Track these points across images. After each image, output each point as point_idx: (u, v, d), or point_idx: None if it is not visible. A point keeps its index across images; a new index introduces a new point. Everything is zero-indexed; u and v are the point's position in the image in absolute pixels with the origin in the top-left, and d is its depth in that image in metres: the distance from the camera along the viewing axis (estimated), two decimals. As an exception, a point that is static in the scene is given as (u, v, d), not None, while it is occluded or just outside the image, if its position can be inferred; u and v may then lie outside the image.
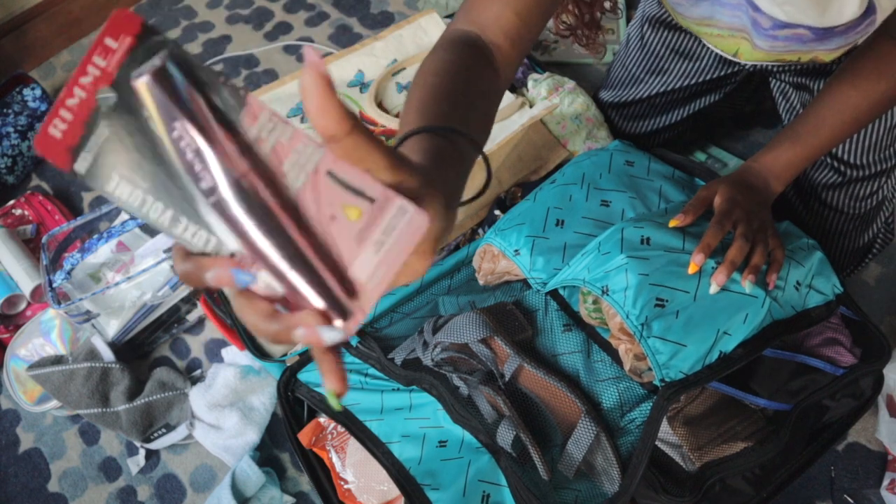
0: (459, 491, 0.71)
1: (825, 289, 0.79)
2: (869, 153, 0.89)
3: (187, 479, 1.04)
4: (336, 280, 0.29)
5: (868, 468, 0.93)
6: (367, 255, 0.29)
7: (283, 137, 0.29)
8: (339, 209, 0.29)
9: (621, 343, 0.73)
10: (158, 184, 0.29)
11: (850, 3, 0.66)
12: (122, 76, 0.28)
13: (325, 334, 0.29)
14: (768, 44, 0.76)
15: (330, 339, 0.29)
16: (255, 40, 1.59)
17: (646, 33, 1.05)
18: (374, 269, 0.29)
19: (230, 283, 0.29)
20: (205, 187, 0.29)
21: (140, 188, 0.29)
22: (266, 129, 0.29)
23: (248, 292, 0.30)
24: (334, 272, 0.29)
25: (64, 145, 0.28)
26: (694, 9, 0.81)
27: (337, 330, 0.29)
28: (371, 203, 0.29)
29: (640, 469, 0.67)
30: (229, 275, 0.29)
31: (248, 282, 0.29)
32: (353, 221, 0.29)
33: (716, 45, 0.87)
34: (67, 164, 0.29)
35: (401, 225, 0.29)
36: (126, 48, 0.28)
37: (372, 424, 0.80)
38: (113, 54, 0.28)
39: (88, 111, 0.28)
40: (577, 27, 0.93)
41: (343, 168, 0.29)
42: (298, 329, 0.29)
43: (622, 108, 1.14)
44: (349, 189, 0.29)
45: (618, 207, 0.86)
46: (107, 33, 0.28)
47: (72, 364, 1.05)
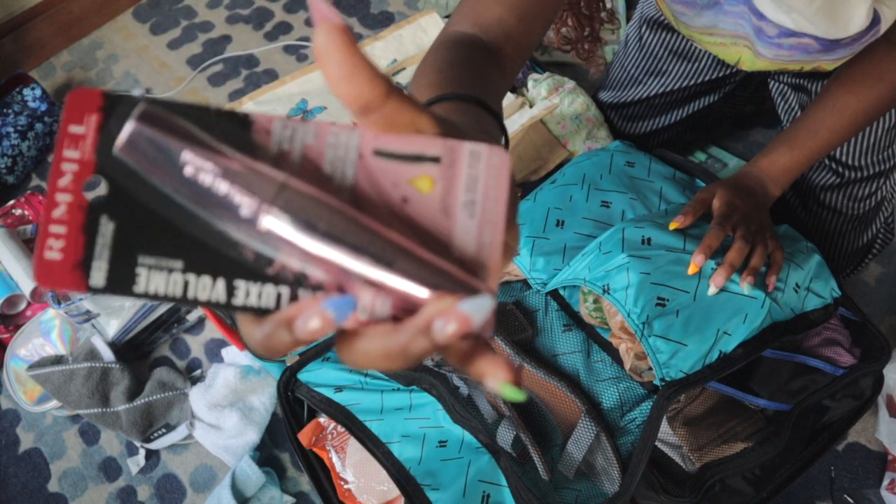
0: (459, 491, 0.71)
1: (824, 292, 0.80)
2: (867, 155, 0.89)
3: (187, 479, 1.04)
4: (447, 264, 0.24)
5: (868, 468, 0.93)
6: (464, 224, 0.25)
7: (307, 138, 0.25)
8: (407, 187, 0.25)
9: (622, 342, 0.73)
10: (194, 250, 0.24)
11: (857, 16, 0.65)
12: (103, 157, 0.24)
13: (470, 308, 0.22)
14: (772, 52, 0.76)
15: (478, 310, 0.22)
16: (255, 40, 1.59)
17: (644, 34, 1.05)
18: (479, 235, 0.24)
19: (329, 321, 0.23)
20: (247, 214, 0.23)
21: (176, 269, 0.24)
22: (285, 138, 0.25)
23: (353, 326, 0.24)
24: (440, 257, 0.24)
25: (69, 265, 0.24)
26: (698, 18, 0.80)
27: (480, 295, 0.23)
28: (438, 164, 0.25)
29: (640, 468, 0.68)
30: (323, 311, 0.23)
31: (349, 309, 0.23)
32: (429, 193, 0.25)
33: (718, 54, 0.87)
34: (82, 284, 0.24)
35: (482, 172, 0.25)
36: (95, 127, 0.24)
37: (372, 424, 0.80)
38: (83, 140, 0.24)
39: (82, 213, 0.24)
40: (578, 41, 0.93)
41: (389, 140, 0.25)
42: (436, 322, 0.22)
43: (621, 108, 1.14)
44: (407, 159, 0.25)
45: (618, 208, 0.86)
46: (68, 121, 0.24)
47: (72, 364, 1.05)
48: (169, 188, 0.24)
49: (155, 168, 0.24)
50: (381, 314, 0.23)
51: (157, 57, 1.60)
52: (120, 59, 1.60)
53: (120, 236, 0.24)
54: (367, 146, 0.25)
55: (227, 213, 0.24)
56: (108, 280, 0.24)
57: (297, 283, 0.24)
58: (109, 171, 0.24)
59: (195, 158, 0.23)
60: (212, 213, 0.24)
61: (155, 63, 1.59)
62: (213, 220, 0.24)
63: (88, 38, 1.67)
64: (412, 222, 0.24)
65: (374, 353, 0.23)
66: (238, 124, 0.24)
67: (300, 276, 0.24)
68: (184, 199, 0.24)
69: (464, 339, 0.23)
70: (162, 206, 0.24)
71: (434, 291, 0.23)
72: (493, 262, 0.24)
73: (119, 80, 1.56)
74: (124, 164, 0.24)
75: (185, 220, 0.24)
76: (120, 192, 0.24)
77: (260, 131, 0.25)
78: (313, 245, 0.23)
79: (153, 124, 0.24)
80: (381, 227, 0.24)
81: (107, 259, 0.24)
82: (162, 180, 0.24)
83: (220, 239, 0.24)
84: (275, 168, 0.24)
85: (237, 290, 0.24)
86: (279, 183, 0.23)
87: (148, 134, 0.24)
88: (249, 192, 0.23)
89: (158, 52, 1.60)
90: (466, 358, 0.24)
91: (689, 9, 0.79)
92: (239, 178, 0.23)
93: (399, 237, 0.24)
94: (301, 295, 0.24)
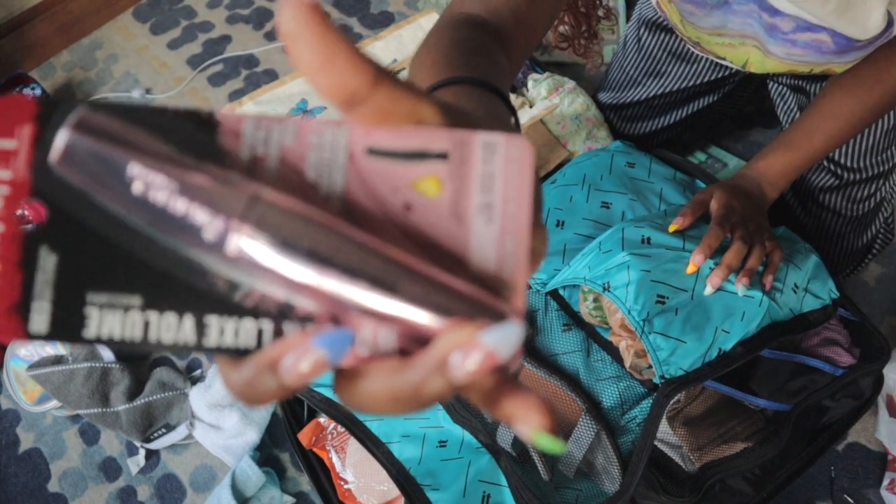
0: (459, 491, 0.71)
1: (822, 293, 0.80)
2: (866, 156, 0.89)
3: (187, 479, 1.04)
4: (463, 284, 0.20)
5: (868, 468, 0.93)
6: (480, 232, 0.20)
7: (286, 140, 0.21)
8: (410, 191, 0.20)
9: (622, 340, 0.73)
10: (154, 283, 0.20)
11: (873, 18, 0.65)
12: (40, 176, 0.20)
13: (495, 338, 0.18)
14: (785, 50, 0.75)
15: (505, 340, 0.18)
16: (255, 40, 1.59)
17: (642, 36, 1.05)
18: (500, 245, 0.20)
19: (322, 361, 0.19)
20: (211, 236, 0.19)
21: (133, 307, 0.20)
22: (258, 140, 0.20)
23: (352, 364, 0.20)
24: (453, 276, 0.20)
25: (2, 309, 0.20)
26: (707, 19, 0.80)
27: (506, 322, 0.19)
28: (445, 161, 0.21)
29: (640, 466, 0.68)
30: (315, 349, 0.19)
31: (346, 345, 0.19)
32: (436, 197, 0.20)
33: (725, 56, 0.87)
34: (20, 331, 0.20)
35: (499, 168, 0.21)
36: (29, 139, 0.20)
37: (372, 424, 0.80)
38: (15, 157, 0.20)
39: (17, 244, 0.20)
40: (574, 37, 0.93)
41: (385, 136, 0.21)
42: (454, 356, 0.18)
43: (620, 109, 1.14)
44: (407, 157, 0.21)
45: (618, 209, 0.86)
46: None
47: (72, 364, 1.05)
48: (118, 209, 0.20)
49: (100, 186, 0.20)
50: (386, 348, 0.19)
51: (157, 57, 1.60)
52: (120, 59, 1.60)
53: (64, 271, 0.20)
54: (359, 144, 0.21)
55: (188, 237, 0.19)
56: (52, 324, 0.20)
57: (282, 315, 0.20)
58: (48, 192, 0.20)
59: (144, 171, 0.19)
60: (171, 236, 0.20)
61: (155, 63, 1.59)
62: (174, 246, 0.20)
63: (88, 38, 1.67)
64: (418, 234, 0.20)
65: (379, 396, 0.19)
66: (201, 127, 0.20)
67: (284, 306, 0.20)
68: (137, 222, 0.20)
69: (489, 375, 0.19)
70: (112, 232, 0.20)
71: (449, 318, 0.19)
72: (519, 277, 0.20)
73: (119, 80, 1.56)
74: (65, 182, 0.20)
75: (141, 248, 0.20)
76: (62, 217, 0.20)
77: (228, 134, 0.20)
78: (297, 269, 0.19)
79: (92, 132, 0.20)
80: (379, 242, 0.20)
81: (49, 299, 0.20)
82: (109, 200, 0.20)
83: (184, 267, 0.20)
84: (246, 178, 0.20)
85: (208, 328, 0.20)
86: (249, 195, 0.19)
87: (87, 144, 0.20)
88: (212, 208, 0.19)
89: (158, 52, 1.60)
90: (491, 397, 0.20)
91: (698, 9, 0.79)
92: (198, 192, 0.19)
93: (402, 253, 0.20)
94: (286, 329, 0.20)
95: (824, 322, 0.79)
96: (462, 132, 0.21)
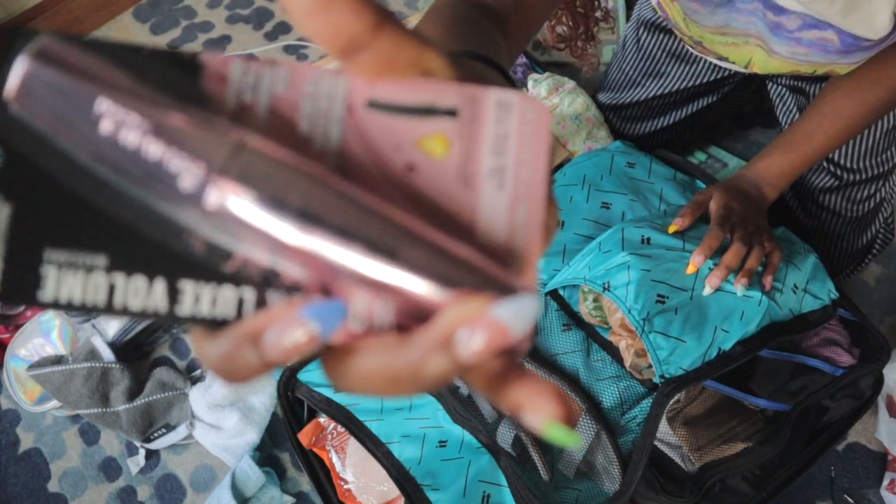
0: (459, 491, 0.71)
1: (821, 293, 0.80)
2: (866, 157, 0.89)
3: (187, 479, 1.04)
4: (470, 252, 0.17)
5: (868, 468, 0.93)
6: (491, 198, 0.18)
7: (277, 87, 0.19)
8: (414, 149, 0.18)
9: (622, 339, 0.73)
10: (122, 240, 0.17)
11: (880, 20, 0.64)
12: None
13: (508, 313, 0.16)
14: (789, 49, 0.75)
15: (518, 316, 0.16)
16: (255, 40, 1.59)
17: (641, 36, 1.05)
18: (511, 213, 0.18)
19: (311, 335, 0.17)
20: (188, 186, 0.17)
21: (97, 268, 0.17)
22: (246, 86, 0.18)
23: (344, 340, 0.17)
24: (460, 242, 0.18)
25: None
26: (711, 17, 0.80)
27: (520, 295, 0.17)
28: (454, 118, 0.19)
29: (640, 466, 0.68)
30: (303, 322, 0.17)
31: (339, 318, 0.17)
32: (443, 158, 0.19)
33: (728, 56, 0.86)
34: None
35: (514, 129, 0.19)
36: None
37: (372, 424, 0.80)
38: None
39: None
40: (572, 38, 0.93)
41: (389, 88, 0.19)
42: (461, 333, 0.16)
43: (620, 110, 1.14)
44: (412, 112, 0.19)
45: (618, 210, 0.86)
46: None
47: (72, 364, 1.05)
48: (83, 153, 0.17)
49: (62, 125, 0.17)
50: (382, 323, 0.17)
51: (157, 57, 1.60)
52: (120, 60, 1.60)
53: (18, 223, 0.17)
54: (359, 96, 0.19)
55: (162, 187, 0.17)
56: (4, 283, 0.17)
57: (266, 283, 0.18)
58: (2, 132, 0.17)
59: (114, 108, 0.17)
60: (142, 186, 0.17)
61: (155, 63, 1.59)
62: (146, 198, 0.17)
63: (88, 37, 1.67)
64: (421, 197, 0.18)
65: (373, 376, 0.17)
66: (182, 69, 0.18)
67: (269, 273, 0.18)
68: (103, 169, 0.17)
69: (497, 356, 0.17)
70: (75, 181, 0.17)
71: (454, 290, 0.17)
72: (532, 250, 0.18)
73: (119, 80, 1.56)
74: (22, 121, 0.17)
75: (107, 199, 0.17)
76: (16, 161, 0.17)
77: (212, 78, 0.18)
78: (285, 229, 0.17)
79: (56, 63, 0.17)
80: (378, 202, 0.17)
81: (0, 255, 0.17)
82: (73, 142, 0.17)
83: (158, 224, 0.17)
84: (231, 125, 0.18)
85: (182, 295, 0.18)
86: (233, 142, 0.17)
87: (49, 76, 0.17)
88: (191, 154, 0.17)
89: (158, 53, 1.60)
90: (497, 382, 0.18)
91: (703, 7, 0.78)
92: (176, 135, 0.17)
93: (404, 216, 0.17)
94: (271, 299, 0.18)
95: (824, 322, 0.79)
96: (473, 87, 0.19)
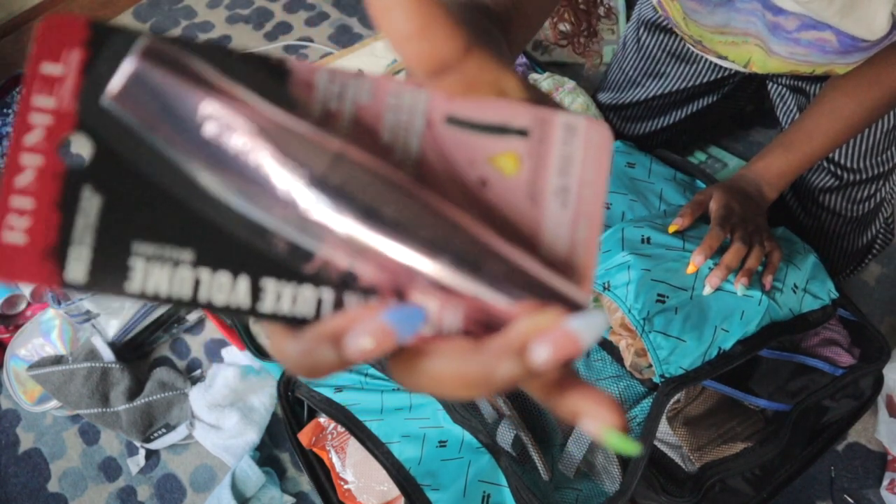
0: (459, 491, 0.71)
1: (821, 293, 0.80)
2: (866, 157, 0.89)
3: (187, 479, 1.04)
4: (538, 267, 0.19)
5: (868, 468, 0.93)
6: (555, 215, 0.20)
7: (361, 97, 0.19)
8: (487, 165, 0.20)
9: (622, 339, 0.73)
10: (209, 237, 0.18)
11: (878, 20, 0.64)
12: (87, 108, 0.18)
13: (581, 327, 0.17)
14: (787, 49, 0.75)
15: (590, 330, 0.18)
16: (255, 40, 1.59)
17: (642, 36, 1.05)
18: (573, 230, 0.20)
19: (390, 338, 0.18)
20: (285, 191, 0.18)
21: (184, 262, 0.18)
22: (332, 94, 0.19)
23: (414, 343, 0.18)
24: (526, 254, 0.19)
25: (37, 252, 0.18)
26: (710, 16, 0.80)
27: (593, 311, 0.18)
28: (525, 138, 0.20)
29: (640, 466, 0.68)
30: (383, 326, 0.18)
31: (418, 323, 0.18)
32: (513, 175, 0.20)
33: (728, 55, 0.86)
34: (53, 278, 0.18)
35: (579, 151, 0.20)
36: (78, 66, 0.18)
37: (372, 424, 0.80)
38: (61, 83, 0.18)
39: (57, 182, 0.18)
40: (574, 35, 0.93)
41: (466, 105, 0.20)
42: (533, 347, 0.17)
43: (620, 109, 1.14)
44: (487, 130, 0.20)
45: (618, 209, 0.86)
46: (40, 57, 0.18)
47: (72, 364, 1.05)
48: (179, 152, 0.18)
49: (161, 124, 0.18)
50: (451, 328, 0.18)
51: (157, 57, 1.60)
52: (120, 60, 1.60)
53: (109, 215, 0.18)
54: (438, 111, 0.19)
55: (257, 190, 0.18)
56: (92, 274, 0.18)
57: (344, 284, 0.19)
58: (96, 126, 0.18)
59: (221, 112, 0.18)
60: (237, 188, 0.18)
61: (155, 63, 1.59)
62: (237, 199, 0.18)
63: (88, 38, 1.67)
64: (492, 210, 0.19)
65: (446, 378, 0.18)
66: (271, 73, 0.19)
67: (347, 276, 0.19)
68: (198, 168, 0.18)
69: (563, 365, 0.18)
70: (167, 177, 0.18)
71: (524, 302, 0.18)
72: (589, 266, 0.20)
73: (119, 80, 1.56)
74: (118, 117, 0.18)
75: (198, 197, 0.18)
76: (110, 155, 0.18)
77: (300, 85, 0.19)
78: (373, 237, 0.18)
79: (161, 65, 0.18)
80: (461, 216, 0.18)
81: (90, 245, 0.18)
82: (170, 141, 0.18)
83: (244, 224, 0.18)
84: (323, 132, 0.18)
85: (264, 293, 0.18)
86: (334, 152, 0.18)
87: (154, 78, 0.18)
88: (294, 162, 0.18)
89: (158, 53, 1.60)
90: (555, 389, 0.19)
91: (702, 6, 0.78)
92: (280, 142, 0.18)
93: (484, 231, 0.19)
94: (348, 300, 0.19)
95: (824, 322, 0.79)
96: (544, 110, 0.20)
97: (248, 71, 0.19)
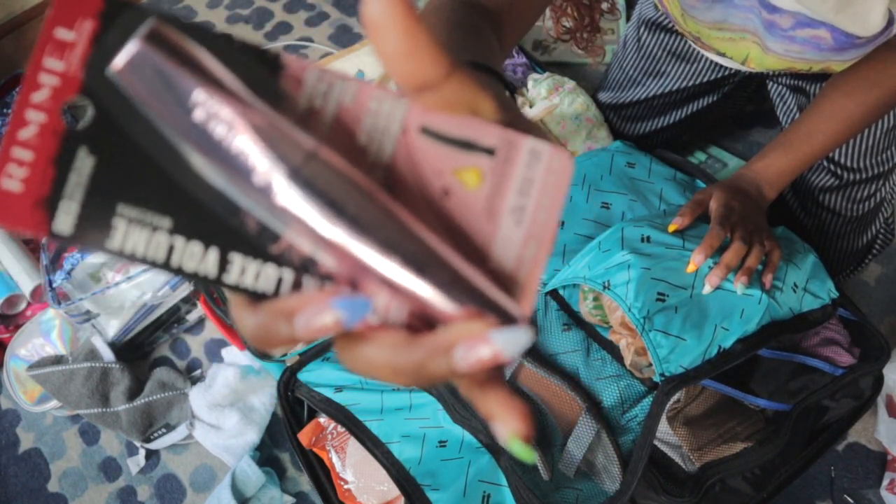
0: (459, 491, 0.71)
1: (821, 292, 0.80)
2: (866, 157, 0.89)
3: (187, 479, 1.04)
4: (482, 279, 0.20)
5: (868, 468, 0.93)
6: (508, 232, 0.21)
7: (345, 98, 0.21)
8: (451, 177, 0.21)
9: (622, 338, 0.73)
10: (188, 209, 0.20)
11: (874, 16, 0.64)
12: (92, 75, 0.19)
13: (505, 340, 0.19)
14: (783, 46, 0.75)
15: (512, 344, 0.19)
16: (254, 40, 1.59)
17: (642, 36, 1.05)
18: (522, 248, 0.21)
19: (338, 322, 0.19)
20: (261, 181, 0.19)
21: (161, 228, 0.20)
22: (318, 92, 0.21)
23: (360, 329, 0.20)
24: (473, 264, 0.20)
25: (30, 200, 0.19)
26: (708, 12, 0.80)
27: (517, 328, 0.19)
28: (490, 157, 0.21)
29: (640, 465, 0.68)
30: (332, 311, 0.19)
31: (364, 312, 0.20)
32: (475, 189, 0.21)
33: (726, 51, 0.87)
34: (42, 227, 0.19)
35: (539, 176, 0.21)
36: (88, 35, 0.19)
37: (372, 424, 0.80)
38: (72, 49, 0.19)
39: (56, 139, 0.19)
40: (577, 30, 0.93)
41: (441, 119, 0.21)
42: (458, 349, 0.19)
43: (620, 109, 1.14)
44: (457, 144, 0.21)
45: (618, 210, 0.86)
46: (55, 21, 0.19)
47: (72, 364, 1.05)
48: (170, 129, 0.19)
49: (157, 102, 0.19)
50: (395, 320, 0.20)
51: (157, 57, 1.60)
52: (120, 60, 1.61)
53: (99, 176, 0.19)
54: (414, 121, 0.21)
55: (236, 175, 0.19)
56: (77, 227, 0.19)
57: (304, 268, 0.20)
58: (99, 93, 0.19)
59: (210, 101, 0.19)
60: (219, 170, 0.20)
61: (155, 63, 1.59)
62: (217, 179, 0.20)
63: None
64: (449, 220, 0.21)
65: (380, 363, 0.20)
66: (266, 65, 0.20)
67: (308, 260, 0.20)
68: (186, 147, 0.20)
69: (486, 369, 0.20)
70: (157, 149, 0.20)
71: (463, 308, 0.20)
72: (532, 283, 0.21)
73: (119, 80, 1.57)
74: (119, 88, 0.19)
75: (182, 172, 0.20)
76: (108, 121, 0.20)
77: (290, 79, 0.20)
78: (334, 231, 0.20)
79: (164, 48, 0.19)
80: (416, 222, 0.20)
81: (79, 201, 0.19)
82: (163, 118, 0.19)
83: (220, 201, 0.20)
84: (301, 127, 0.20)
85: (231, 265, 0.20)
86: (308, 151, 0.19)
87: (155, 59, 0.19)
88: (272, 155, 0.19)
89: (158, 53, 1.61)
90: (479, 388, 0.21)
91: (700, 2, 0.78)
92: (260, 135, 0.19)
93: (436, 240, 0.20)
94: (306, 283, 0.20)
95: (824, 322, 0.79)
96: (512, 133, 0.21)
97: (245, 61, 0.20)
